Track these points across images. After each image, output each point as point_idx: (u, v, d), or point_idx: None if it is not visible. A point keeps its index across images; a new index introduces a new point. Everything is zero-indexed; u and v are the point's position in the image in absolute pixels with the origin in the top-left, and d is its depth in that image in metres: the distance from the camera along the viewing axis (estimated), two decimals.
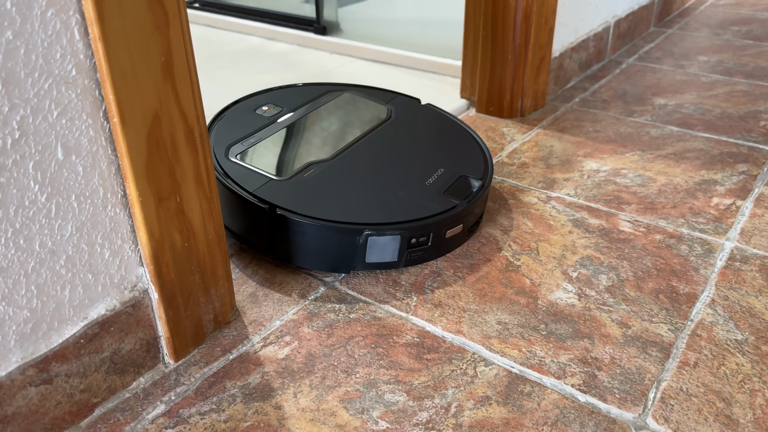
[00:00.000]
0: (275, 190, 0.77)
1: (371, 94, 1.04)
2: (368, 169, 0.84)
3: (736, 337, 0.68)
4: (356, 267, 0.77)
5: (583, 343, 0.67)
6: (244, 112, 0.95)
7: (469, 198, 0.81)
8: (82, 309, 0.56)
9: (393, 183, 0.81)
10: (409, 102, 1.03)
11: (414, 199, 0.79)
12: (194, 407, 0.60)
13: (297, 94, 1.01)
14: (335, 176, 0.81)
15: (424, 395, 0.61)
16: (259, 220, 0.76)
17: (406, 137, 0.92)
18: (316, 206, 0.75)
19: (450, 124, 0.98)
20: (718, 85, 1.40)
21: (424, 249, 0.78)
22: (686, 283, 0.76)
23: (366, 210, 0.76)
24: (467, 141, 0.94)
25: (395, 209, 0.77)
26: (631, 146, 1.12)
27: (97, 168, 0.54)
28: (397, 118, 0.97)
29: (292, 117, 0.94)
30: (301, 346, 0.68)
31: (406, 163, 0.86)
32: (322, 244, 0.75)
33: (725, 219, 0.90)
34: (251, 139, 0.87)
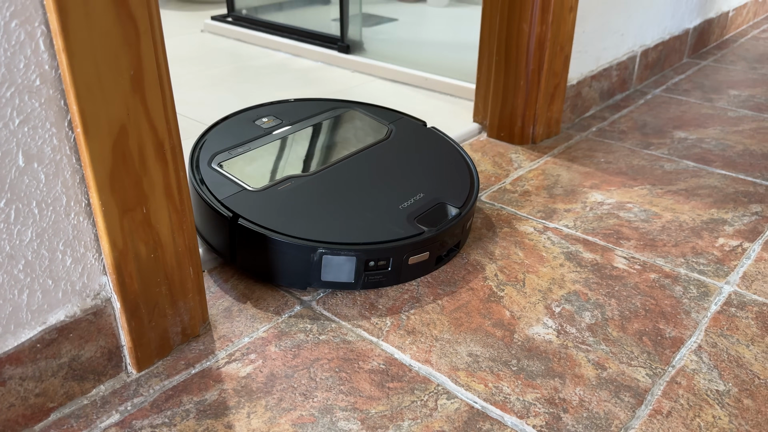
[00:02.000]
0: (244, 200, 0.78)
1: (376, 113, 1.03)
2: (345, 188, 0.83)
3: (718, 388, 0.64)
4: (312, 284, 0.76)
5: (554, 383, 0.65)
6: (243, 122, 0.96)
7: (439, 226, 0.79)
8: (40, 314, 0.57)
9: (365, 204, 0.81)
10: (413, 124, 1.02)
11: (379, 221, 0.78)
12: (147, 419, 0.60)
13: (301, 109, 1.02)
14: (309, 192, 0.81)
15: (378, 425, 0.60)
16: (223, 228, 0.77)
17: (396, 159, 0.91)
18: (278, 220, 0.76)
19: (448, 150, 0.96)
20: (745, 121, 1.35)
21: (384, 273, 0.77)
22: (674, 327, 0.73)
23: (324, 228, 0.76)
24: (459, 168, 0.92)
25: (354, 230, 0.76)
26: (641, 179, 1.08)
27: (61, 176, 0.55)
28: (394, 139, 0.96)
29: (288, 130, 0.94)
30: (264, 365, 0.67)
31: (387, 185, 0.85)
32: (279, 258, 0.75)
33: (728, 261, 0.86)
34: (239, 149, 0.88)
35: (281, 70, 1.67)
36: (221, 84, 1.56)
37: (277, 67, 1.70)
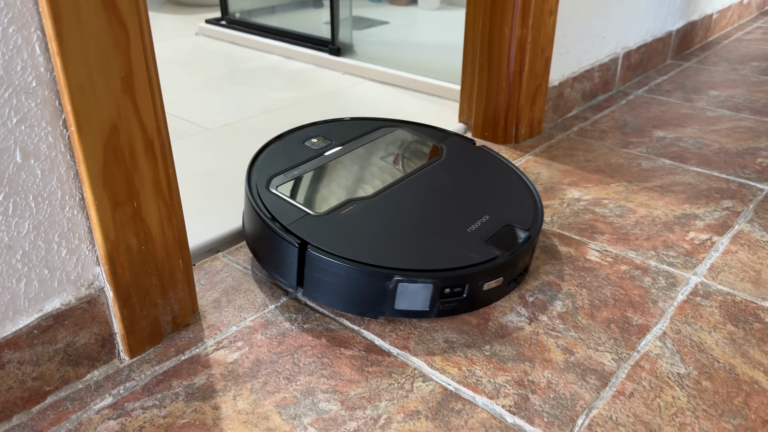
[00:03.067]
0: (309, 225, 0.76)
1: (424, 132, 1.01)
2: (409, 211, 0.81)
3: (679, 371, 0.68)
4: (385, 313, 0.74)
5: (524, 366, 0.69)
6: (293, 143, 0.94)
7: (512, 250, 0.77)
8: (37, 302, 0.60)
9: (432, 228, 0.79)
10: (462, 142, 1.00)
11: (451, 246, 0.76)
12: (138, 402, 0.64)
13: (348, 128, 1.00)
14: (373, 216, 0.79)
15: (357, 406, 0.64)
16: (290, 255, 0.74)
17: (453, 180, 0.90)
18: (348, 246, 0.73)
19: (503, 169, 0.94)
20: (723, 121, 1.39)
21: (459, 300, 0.74)
22: (641, 315, 0.77)
23: (399, 254, 0.73)
24: (518, 188, 0.90)
25: (429, 256, 0.74)
26: (618, 177, 1.12)
27: (56, 172, 0.58)
28: (447, 158, 0.95)
29: (340, 151, 0.92)
30: (251, 351, 0.71)
31: (450, 208, 0.83)
32: (351, 286, 0.72)
33: (697, 254, 0.89)
34: (294, 171, 0.86)
35: (274, 72, 1.70)
36: (215, 86, 1.59)
37: (269, 69, 1.74)
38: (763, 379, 0.67)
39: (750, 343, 0.73)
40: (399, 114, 1.40)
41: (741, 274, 0.85)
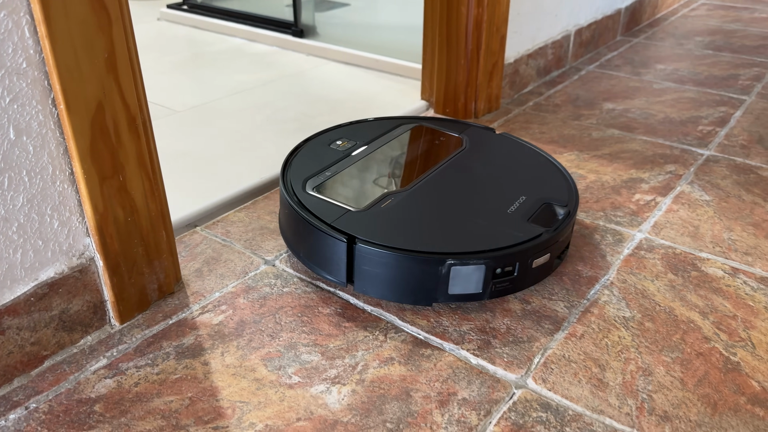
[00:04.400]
0: (353, 221, 0.77)
1: (444, 126, 1.04)
2: (446, 198, 0.83)
3: (624, 315, 0.76)
4: (439, 299, 0.75)
5: (485, 316, 0.75)
6: (319, 146, 0.94)
7: (556, 226, 0.79)
8: (32, 271, 0.65)
9: (473, 212, 0.80)
10: (483, 131, 1.03)
11: (497, 227, 0.77)
12: (132, 362, 0.69)
13: (369, 128, 1.01)
14: (413, 206, 0.81)
15: (336, 356, 0.70)
16: (338, 251, 0.75)
17: (482, 165, 0.92)
18: (395, 236, 0.75)
19: (528, 152, 0.97)
20: (668, 92, 1.48)
21: (510, 279, 0.75)
22: (591, 268, 0.84)
23: (447, 239, 0.74)
24: (548, 167, 0.93)
25: (477, 238, 0.75)
26: (570, 146, 1.20)
27: (47, 148, 0.62)
28: (471, 147, 0.97)
29: (366, 150, 0.94)
30: (234, 314, 0.76)
31: (485, 192, 0.85)
32: (403, 275, 0.73)
33: (642, 213, 0.98)
34: (327, 172, 0.87)
35: (238, 55, 1.73)
36: (180, 69, 1.62)
37: (233, 52, 1.76)
38: (698, 318, 0.76)
39: (688, 288, 0.81)
40: (363, 92, 1.45)
41: (681, 229, 0.94)
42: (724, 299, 0.79)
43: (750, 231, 0.93)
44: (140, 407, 0.63)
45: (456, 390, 0.65)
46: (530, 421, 0.62)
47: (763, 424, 0.62)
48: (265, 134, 1.24)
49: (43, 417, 0.62)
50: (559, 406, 0.63)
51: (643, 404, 0.64)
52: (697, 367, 0.69)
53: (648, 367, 0.68)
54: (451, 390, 0.65)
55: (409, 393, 0.65)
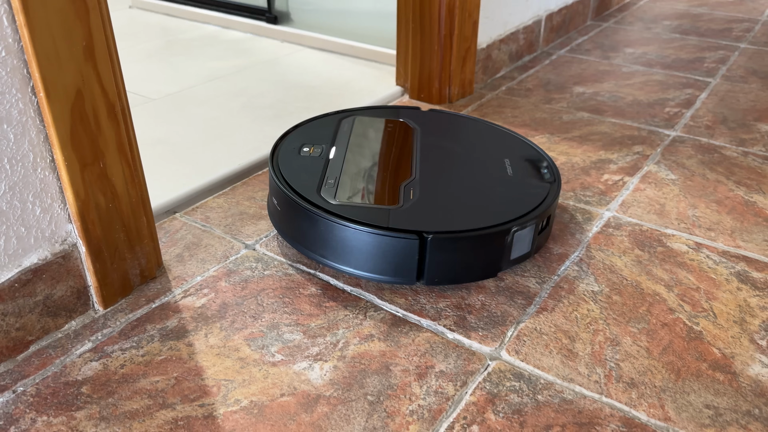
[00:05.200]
0: (403, 218, 0.77)
1: (379, 113, 1.05)
2: (452, 177, 0.86)
3: (593, 289, 0.79)
4: (503, 267, 0.79)
5: (461, 293, 0.78)
6: (292, 157, 0.89)
7: (555, 177, 0.87)
8: (16, 257, 0.65)
9: (485, 182, 0.85)
10: (414, 112, 1.06)
11: (518, 190, 0.83)
12: (117, 345, 0.70)
13: (319, 128, 0.99)
14: (434, 190, 0.83)
15: (318, 334, 0.72)
16: (410, 250, 0.75)
17: (448, 141, 0.96)
18: (455, 220, 0.77)
19: (467, 121, 1.03)
20: (636, 75, 1.51)
21: (545, 233, 0.83)
22: (561, 246, 0.88)
23: (496, 210, 0.79)
24: (497, 130, 1.00)
25: (514, 203, 0.80)
26: (542, 129, 1.23)
27: (27, 136, 0.63)
28: (422, 127, 1.00)
29: (339, 151, 0.91)
30: (217, 297, 0.78)
31: (475, 163, 0.90)
32: (476, 254, 0.76)
33: (610, 192, 1.01)
34: (329, 180, 0.84)
35: (212, 42, 1.73)
36: (154, 57, 1.61)
37: (207, 39, 1.76)
38: (663, 291, 0.79)
39: (653, 263, 0.85)
40: (339, 79, 1.47)
41: (648, 207, 0.97)
42: (688, 272, 0.83)
43: (713, 208, 0.97)
44: (127, 388, 0.65)
45: (433, 363, 0.68)
46: (504, 390, 0.65)
47: (722, 387, 0.66)
48: (241, 121, 1.25)
49: (31, 400, 0.63)
50: (532, 376, 0.67)
51: (611, 372, 0.67)
52: (662, 336, 0.72)
53: (615, 338, 0.72)
54: (428, 363, 0.68)
55: (388, 367, 0.67)
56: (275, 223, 0.86)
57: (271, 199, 0.86)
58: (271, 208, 0.87)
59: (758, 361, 0.69)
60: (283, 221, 0.83)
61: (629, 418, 0.62)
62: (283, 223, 0.83)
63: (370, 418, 0.61)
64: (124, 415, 0.61)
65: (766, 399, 0.64)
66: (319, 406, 0.63)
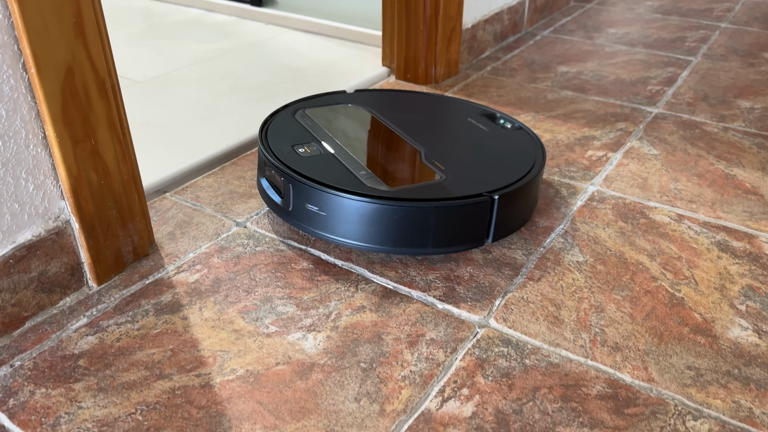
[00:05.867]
0: (458, 185, 0.80)
1: (322, 102, 1.02)
2: (450, 141, 0.92)
3: (578, 260, 0.81)
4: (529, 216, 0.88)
5: (450, 266, 0.80)
6: (298, 160, 0.84)
7: (513, 122, 0.97)
8: (10, 234, 0.66)
9: (479, 140, 0.92)
10: (348, 95, 1.05)
11: (508, 140, 0.93)
12: (112, 319, 0.71)
13: (282, 126, 0.93)
14: (451, 156, 0.87)
15: (310, 306, 0.73)
16: (480, 213, 0.78)
17: (409, 115, 0.99)
18: (503, 176, 0.82)
19: (402, 95, 1.08)
20: (619, 55, 1.53)
21: None
22: (546, 219, 0.90)
23: (519, 158, 0.88)
24: (431, 97, 1.07)
25: (524, 152, 0.90)
26: (527, 108, 1.24)
27: (19, 112, 0.63)
28: (373, 108, 1.01)
29: (333, 145, 0.88)
30: (209, 272, 0.79)
31: (451, 127, 0.96)
32: (522, 204, 0.84)
33: (594, 168, 1.03)
34: (361, 172, 0.82)
35: (197, 25, 1.72)
36: (139, 40, 1.60)
37: (192, 22, 1.75)
38: (646, 260, 0.82)
39: (636, 234, 0.87)
40: (324, 60, 1.47)
41: (631, 181, 0.99)
42: (670, 243, 0.85)
43: (694, 181, 1.00)
44: (123, 360, 0.66)
45: (424, 332, 0.70)
46: (492, 356, 0.67)
47: (703, 349, 0.68)
48: (228, 102, 1.25)
49: (29, 373, 0.64)
50: (519, 342, 0.69)
51: (595, 337, 0.69)
52: (645, 303, 0.74)
53: (600, 305, 0.74)
54: (419, 332, 0.70)
55: (380, 336, 0.69)
56: (320, 228, 0.80)
57: (303, 206, 0.80)
58: (308, 214, 0.80)
59: (737, 324, 0.71)
60: (339, 223, 0.78)
61: (614, 379, 0.64)
62: (339, 225, 0.78)
63: (363, 384, 0.63)
64: (122, 386, 0.63)
65: (745, 360, 0.67)
66: (314, 374, 0.64)
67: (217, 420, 0.59)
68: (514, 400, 0.62)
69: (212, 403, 0.61)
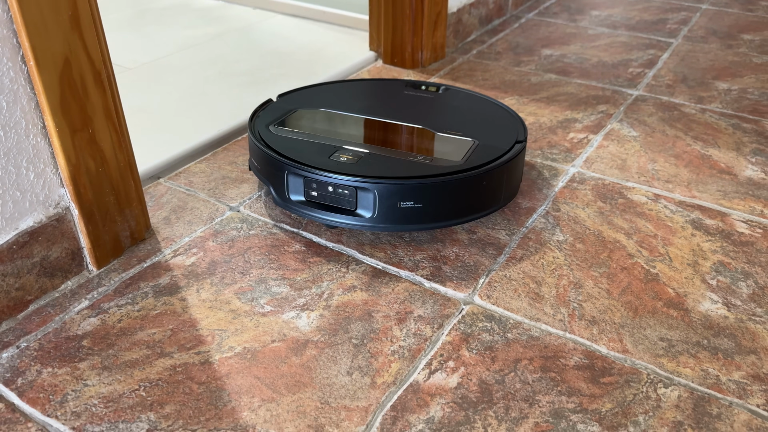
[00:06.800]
0: (494, 141, 0.89)
1: (276, 115, 0.96)
2: (434, 115, 0.97)
3: (558, 239, 0.85)
4: None
5: (436, 246, 0.83)
6: (350, 167, 0.82)
7: (438, 87, 1.06)
8: (13, 221, 0.69)
9: (456, 108, 0.99)
10: (287, 101, 1.01)
11: (480, 103, 1.01)
12: (113, 301, 0.74)
13: (288, 142, 0.88)
14: (455, 123, 0.95)
15: (304, 287, 0.77)
16: (521, 162, 0.90)
17: (368, 106, 1.00)
18: (508, 133, 0.91)
19: (332, 86, 1.07)
20: (602, 38, 1.56)
21: None
22: (529, 200, 0.93)
23: (506, 123, 0.95)
24: (360, 82, 1.09)
25: (500, 108, 1.00)
26: (511, 91, 1.27)
27: (19, 103, 0.66)
28: (328, 106, 0.99)
29: (363, 147, 0.87)
30: (205, 255, 0.82)
31: (419, 107, 1.00)
32: None
33: (575, 150, 1.07)
34: (413, 159, 0.84)
35: (184, 10, 1.73)
36: (127, 26, 1.61)
37: (179, 7, 1.76)
38: (623, 239, 0.85)
39: (615, 214, 0.91)
40: (313, 45, 1.49)
41: (610, 163, 1.03)
42: (646, 221, 0.89)
43: (672, 162, 1.03)
44: (125, 340, 0.69)
45: (412, 309, 0.73)
46: (477, 330, 0.70)
47: (675, 322, 0.72)
48: (219, 88, 1.27)
49: (35, 354, 0.67)
50: (502, 317, 0.72)
51: (574, 312, 0.73)
52: (621, 279, 0.78)
53: (578, 281, 0.78)
54: (407, 309, 0.73)
55: (371, 314, 0.73)
56: (417, 222, 0.81)
57: (396, 206, 0.80)
58: (400, 212, 0.80)
59: (708, 298, 0.76)
60: (434, 210, 0.81)
61: (591, 351, 0.68)
62: (435, 212, 0.81)
63: (355, 359, 0.67)
64: (125, 364, 0.66)
65: (714, 331, 0.71)
66: (308, 350, 0.68)
67: (218, 394, 0.63)
68: (497, 371, 0.66)
69: (212, 379, 0.64)
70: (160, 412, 0.61)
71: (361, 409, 0.61)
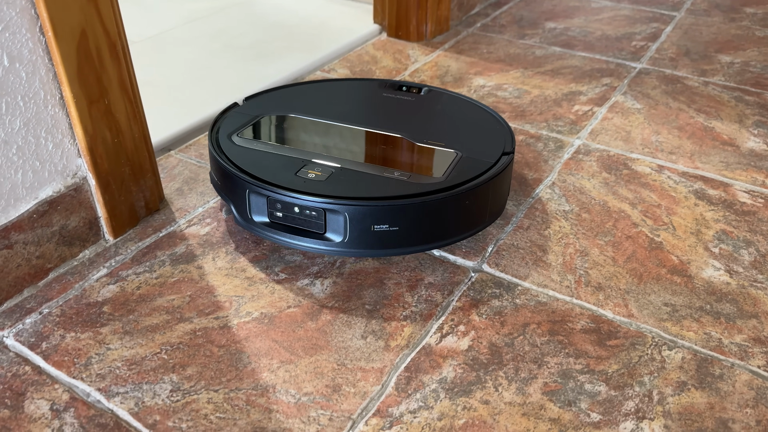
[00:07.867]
0: (477, 152, 0.80)
1: (238, 123, 0.87)
2: (422, 124, 0.87)
3: (564, 209, 0.87)
4: None
5: None
6: (322, 186, 0.74)
7: (421, 88, 0.97)
8: (33, 190, 0.70)
9: (438, 113, 0.90)
10: (255, 106, 0.92)
11: (464, 106, 0.93)
12: (131, 269, 0.76)
13: (249, 156, 0.79)
14: (440, 133, 0.86)
15: (316, 256, 0.78)
16: (508, 171, 0.81)
17: (344, 111, 0.90)
18: (495, 144, 0.82)
19: (301, 87, 0.98)
20: (605, 11, 1.56)
21: None
22: (535, 172, 0.95)
23: (494, 128, 0.87)
24: (330, 83, 0.99)
25: (482, 111, 0.92)
26: (516, 65, 1.28)
27: (37, 74, 0.67)
28: (300, 112, 0.90)
29: (325, 159, 0.79)
30: (219, 226, 0.83)
31: (404, 112, 0.91)
32: None
33: (580, 122, 1.08)
34: (389, 175, 0.76)
35: None
36: (130, 0, 1.60)
37: None
38: (627, 208, 0.87)
39: (619, 184, 0.92)
40: (317, 18, 1.49)
41: (615, 134, 1.04)
42: (650, 191, 0.91)
43: (675, 134, 1.05)
44: (145, 306, 0.71)
45: (423, 277, 0.75)
46: (486, 296, 0.73)
47: (679, 288, 0.74)
48: (225, 61, 1.27)
49: (58, 319, 0.69)
50: (510, 283, 0.74)
51: (580, 278, 0.75)
52: (626, 247, 0.80)
53: (584, 250, 0.80)
54: (418, 277, 0.75)
55: (383, 281, 0.75)
56: (393, 246, 0.74)
57: (369, 230, 0.73)
58: (375, 237, 0.73)
59: (711, 265, 0.78)
60: (408, 233, 0.73)
61: (597, 315, 0.70)
62: (408, 235, 0.73)
63: (369, 323, 0.69)
64: (146, 329, 0.68)
65: (716, 296, 0.73)
66: (323, 315, 0.70)
67: (237, 356, 0.65)
68: (506, 335, 0.68)
69: (231, 342, 0.66)
70: (182, 374, 0.63)
71: (376, 370, 0.64)
